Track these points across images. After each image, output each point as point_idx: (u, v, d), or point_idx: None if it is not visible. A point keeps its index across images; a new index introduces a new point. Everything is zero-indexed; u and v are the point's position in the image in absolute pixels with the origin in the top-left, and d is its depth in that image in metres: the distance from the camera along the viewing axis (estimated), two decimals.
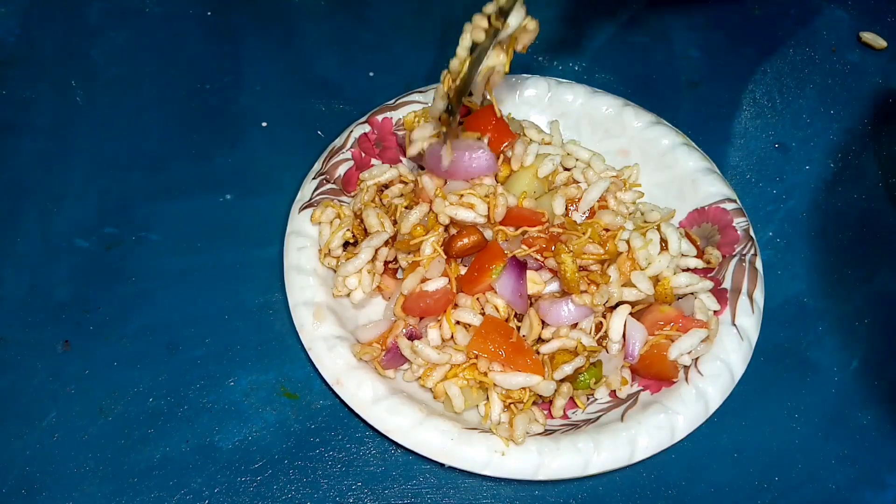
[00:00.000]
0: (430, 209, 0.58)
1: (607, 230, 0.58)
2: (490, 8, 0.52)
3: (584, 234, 0.56)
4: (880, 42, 0.84)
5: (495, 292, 0.55)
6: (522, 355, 0.54)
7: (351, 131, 0.66)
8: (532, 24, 0.53)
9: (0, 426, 0.56)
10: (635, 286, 0.56)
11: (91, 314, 0.61)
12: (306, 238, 0.60)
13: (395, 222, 0.60)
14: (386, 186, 0.63)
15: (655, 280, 0.57)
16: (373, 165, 0.66)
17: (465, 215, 0.56)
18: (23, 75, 0.75)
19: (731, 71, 0.82)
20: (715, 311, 0.58)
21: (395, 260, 0.60)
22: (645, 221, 0.61)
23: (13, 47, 0.77)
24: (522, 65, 0.80)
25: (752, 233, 0.62)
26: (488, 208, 0.57)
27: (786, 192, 0.73)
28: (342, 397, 0.54)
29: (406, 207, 0.60)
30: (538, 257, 0.56)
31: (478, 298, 0.56)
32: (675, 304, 0.58)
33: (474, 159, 0.58)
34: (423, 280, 0.56)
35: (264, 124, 0.74)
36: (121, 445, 0.56)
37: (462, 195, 0.57)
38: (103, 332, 0.60)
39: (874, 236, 0.70)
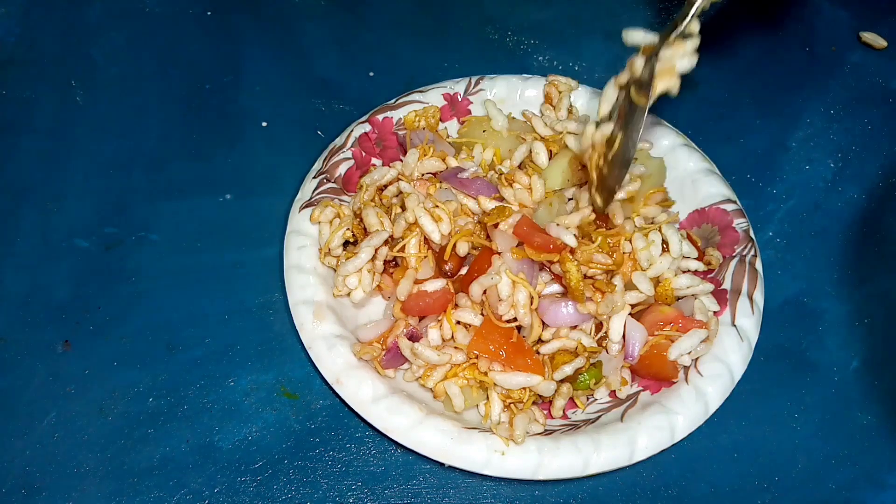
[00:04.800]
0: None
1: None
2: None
3: (593, 241, 0.55)
4: (880, 42, 0.83)
5: None
6: (523, 355, 0.54)
7: (351, 131, 0.66)
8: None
9: (0, 426, 0.56)
10: (636, 287, 0.56)
11: (91, 314, 0.61)
12: (306, 237, 0.60)
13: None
14: (385, 186, 0.63)
15: (656, 281, 0.57)
16: (373, 165, 0.66)
17: (425, 223, 0.56)
18: (23, 75, 0.75)
19: (731, 71, 0.82)
20: (715, 312, 0.58)
21: (395, 260, 0.60)
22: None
23: (13, 47, 0.77)
24: (523, 65, 0.80)
25: (752, 233, 0.62)
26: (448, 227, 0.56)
27: (786, 192, 0.73)
28: (342, 396, 0.54)
29: (401, 208, 0.60)
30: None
31: None
32: (675, 305, 0.57)
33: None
34: (418, 282, 0.56)
35: (264, 124, 0.74)
36: (121, 445, 0.56)
37: (438, 205, 0.57)
38: (103, 332, 0.60)
39: (874, 236, 0.70)
